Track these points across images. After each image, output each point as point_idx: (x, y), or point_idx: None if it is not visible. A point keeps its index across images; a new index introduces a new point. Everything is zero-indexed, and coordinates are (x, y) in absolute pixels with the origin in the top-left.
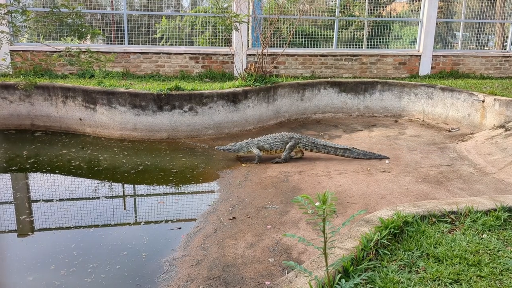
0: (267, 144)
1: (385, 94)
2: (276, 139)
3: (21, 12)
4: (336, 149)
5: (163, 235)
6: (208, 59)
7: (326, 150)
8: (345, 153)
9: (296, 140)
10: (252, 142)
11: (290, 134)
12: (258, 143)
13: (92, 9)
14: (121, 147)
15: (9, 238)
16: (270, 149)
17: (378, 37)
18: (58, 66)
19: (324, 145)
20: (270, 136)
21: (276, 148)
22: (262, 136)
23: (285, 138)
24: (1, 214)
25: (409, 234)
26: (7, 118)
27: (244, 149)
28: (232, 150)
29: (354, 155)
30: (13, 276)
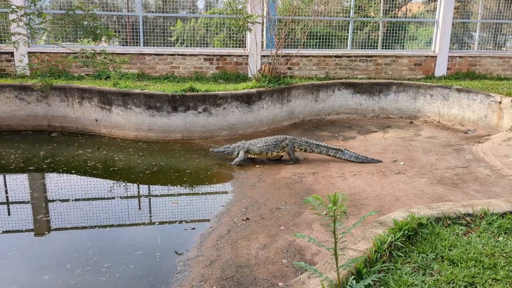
0: (257, 148)
1: (400, 95)
2: (268, 142)
3: (37, 14)
4: (328, 149)
5: (177, 235)
6: (222, 60)
7: (318, 149)
8: (336, 153)
9: (291, 140)
10: (244, 145)
11: (283, 136)
12: (249, 146)
13: (108, 11)
14: (136, 148)
15: (26, 237)
16: (260, 153)
17: (393, 38)
18: (75, 68)
19: (317, 144)
20: (262, 139)
21: (267, 151)
22: (254, 139)
23: (278, 140)
24: (18, 213)
25: (423, 236)
26: (24, 118)
27: (237, 151)
28: (226, 153)
29: (346, 157)
30: (30, 275)
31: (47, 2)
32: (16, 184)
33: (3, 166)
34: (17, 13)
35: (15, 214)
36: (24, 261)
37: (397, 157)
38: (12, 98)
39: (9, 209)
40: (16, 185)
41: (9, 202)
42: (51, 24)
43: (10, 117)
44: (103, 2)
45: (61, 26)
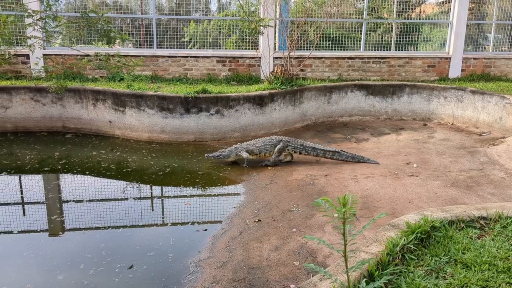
0: (255, 148)
1: (414, 97)
2: (265, 143)
3: (53, 17)
4: (325, 151)
5: (189, 236)
6: (235, 62)
7: (315, 152)
8: (334, 155)
9: (285, 143)
10: (241, 147)
11: (278, 137)
12: (247, 147)
13: (122, 14)
14: (149, 149)
15: (40, 237)
16: (259, 153)
17: (407, 39)
18: (89, 70)
19: (313, 147)
20: (258, 140)
21: (265, 151)
22: (251, 140)
23: (274, 141)
24: (33, 213)
25: (436, 239)
26: (39, 120)
27: (233, 154)
28: (222, 157)
29: (343, 158)
30: (44, 275)
31: (62, 5)
32: (31, 185)
33: (19, 166)
34: (33, 17)
35: (30, 215)
36: (39, 261)
37: (410, 160)
38: (27, 100)
39: (24, 209)
40: (31, 185)
41: (24, 203)
42: (66, 27)
43: (26, 119)
44: (117, 4)
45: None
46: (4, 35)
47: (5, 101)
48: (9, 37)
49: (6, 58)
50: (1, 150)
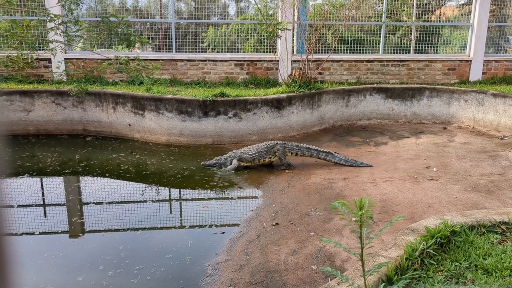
0: (249, 155)
1: (433, 100)
2: (260, 149)
3: (74, 22)
4: (319, 151)
5: (207, 239)
6: (253, 66)
7: (309, 152)
8: (327, 156)
9: (282, 145)
10: (235, 154)
11: (273, 142)
12: (241, 155)
13: (142, 18)
14: (168, 152)
15: (61, 238)
16: (253, 160)
17: (427, 42)
18: (109, 74)
19: (307, 147)
20: (253, 146)
21: (259, 158)
22: (245, 147)
23: (269, 146)
24: (54, 215)
25: (456, 244)
26: (61, 123)
27: (228, 162)
28: (218, 164)
29: (335, 160)
30: (64, 276)
31: (83, 10)
32: (52, 187)
33: (41, 169)
34: (54, 21)
35: (51, 216)
36: (59, 262)
37: (430, 163)
38: (49, 103)
39: (45, 211)
40: (52, 187)
41: (46, 204)
42: (87, 32)
43: (47, 122)
44: (137, 9)
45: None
46: (27, 39)
47: (27, 104)
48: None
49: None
50: (24, 152)
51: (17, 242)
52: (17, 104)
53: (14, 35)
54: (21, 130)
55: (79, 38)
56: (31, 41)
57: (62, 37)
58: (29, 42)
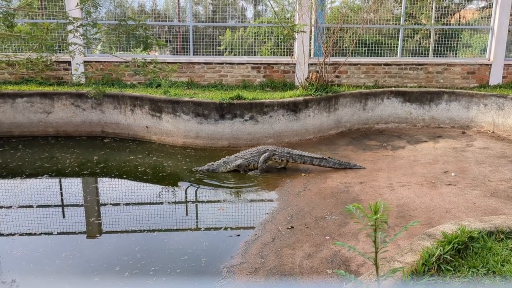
0: (244, 159)
1: (452, 105)
2: (253, 154)
3: (92, 25)
4: (312, 158)
5: (222, 241)
6: (269, 69)
7: (302, 160)
8: (321, 162)
9: (271, 151)
10: (229, 160)
11: (265, 147)
12: (236, 160)
13: (160, 21)
14: (184, 154)
15: (79, 239)
16: (248, 164)
17: (446, 45)
18: (127, 76)
19: (300, 155)
20: (246, 151)
21: (253, 162)
22: (239, 153)
23: (260, 151)
24: (72, 216)
25: (474, 250)
26: (80, 125)
27: (222, 167)
28: (210, 170)
29: (330, 165)
30: (81, 276)
31: (102, 13)
32: (71, 188)
33: (59, 170)
34: (73, 24)
35: (69, 217)
36: (77, 262)
37: (448, 168)
38: (68, 105)
39: (63, 211)
40: (70, 188)
41: (64, 205)
42: (105, 34)
43: (67, 123)
44: (156, 12)
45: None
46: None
47: (47, 106)
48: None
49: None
50: (43, 153)
51: (36, 242)
52: (37, 106)
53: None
54: (41, 132)
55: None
56: (51, 44)
57: (81, 39)
58: (49, 44)
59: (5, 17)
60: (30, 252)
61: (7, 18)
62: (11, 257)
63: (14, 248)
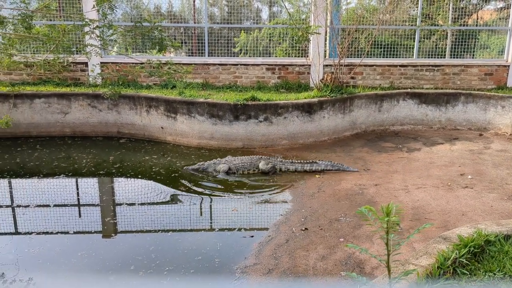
0: (233, 165)
1: (469, 106)
2: (243, 161)
3: (108, 26)
4: (303, 164)
5: (235, 242)
6: (284, 70)
7: (294, 167)
8: (312, 166)
9: (266, 160)
10: (219, 162)
11: (258, 156)
12: (226, 163)
13: (176, 23)
14: (199, 155)
15: (94, 238)
16: (237, 171)
17: (463, 46)
18: (143, 77)
19: (291, 162)
20: (238, 157)
21: (243, 169)
22: (230, 157)
23: (253, 160)
24: (88, 215)
25: (490, 254)
26: (96, 125)
27: (211, 168)
28: (201, 170)
29: (322, 168)
30: (97, 275)
31: (119, 15)
32: (87, 187)
33: (76, 170)
34: (90, 25)
35: (85, 216)
36: (92, 261)
37: (464, 171)
38: (85, 105)
39: (80, 211)
40: (87, 188)
41: (80, 205)
42: (121, 36)
43: (83, 124)
44: (171, 14)
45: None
46: (64, 43)
47: (64, 107)
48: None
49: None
50: (60, 153)
51: (52, 241)
52: (55, 107)
53: (51, 39)
54: (58, 132)
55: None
56: (68, 45)
57: (97, 41)
58: (66, 46)
59: (23, 19)
60: (46, 251)
61: (25, 20)
62: (28, 256)
63: (31, 247)
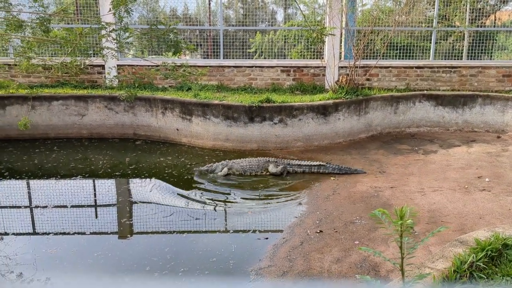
0: (240, 166)
1: (487, 108)
2: (251, 163)
3: (124, 29)
4: (311, 166)
5: (250, 244)
6: (299, 72)
7: (301, 169)
8: (320, 169)
9: (273, 162)
10: (227, 164)
11: (265, 158)
12: (233, 165)
13: (191, 25)
14: (213, 156)
15: (110, 239)
16: (244, 173)
17: (480, 48)
18: (159, 80)
19: (298, 164)
20: (245, 159)
21: (251, 171)
22: (238, 159)
23: (261, 162)
24: (104, 216)
25: (508, 258)
26: (112, 127)
27: (219, 169)
28: (209, 171)
29: (329, 170)
30: (112, 275)
31: (135, 18)
32: (103, 188)
33: (93, 171)
34: (106, 29)
35: (101, 217)
36: (108, 262)
37: (482, 173)
38: (102, 108)
39: (96, 212)
40: (103, 189)
41: (97, 205)
42: (137, 39)
43: (100, 126)
44: (187, 17)
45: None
46: (81, 46)
47: (81, 109)
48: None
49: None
50: (77, 155)
51: (69, 241)
52: (72, 109)
53: (69, 42)
54: (75, 134)
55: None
56: (85, 48)
57: (114, 44)
58: (82, 48)
59: (41, 23)
60: (63, 251)
61: (43, 23)
62: (46, 256)
63: (49, 247)
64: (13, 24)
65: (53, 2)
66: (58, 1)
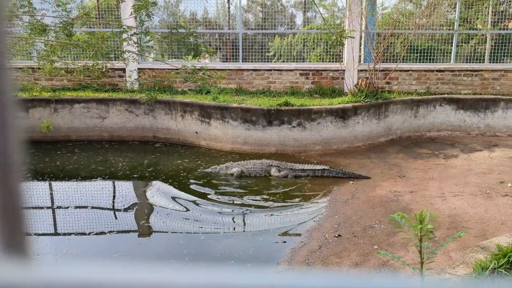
0: (245, 169)
1: (509, 112)
2: (256, 165)
3: (145, 33)
4: (315, 170)
5: (268, 247)
6: (318, 75)
7: (305, 173)
8: (323, 173)
9: (276, 166)
10: (231, 166)
11: (269, 161)
12: (238, 167)
13: (211, 29)
14: (231, 159)
15: (130, 239)
16: (249, 174)
17: (503, 51)
18: (178, 83)
19: (302, 169)
20: (250, 161)
21: (255, 173)
22: (242, 161)
23: (264, 165)
24: (124, 217)
25: None
26: (133, 130)
27: (223, 171)
28: (213, 173)
29: (332, 174)
30: None
31: (156, 22)
32: (123, 190)
33: (112, 173)
34: (127, 32)
35: (121, 218)
36: (127, 263)
37: (504, 178)
38: (122, 111)
39: (115, 213)
40: (122, 190)
41: (116, 207)
42: (157, 42)
43: (121, 128)
44: (207, 20)
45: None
46: (102, 49)
47: (102, 111)
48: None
49: (103, 70)
50: (97, 157)
51: (90, 242)
52: (93, 112)
53: (91, 46)
54: (96, 136)
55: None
56: (106, 52)
57: (135, 47)
58: (104, 52)
59: (64, 27)
60: (84, 252)
61: (66, 28)
62: (67, 257)
63: (70, 248)
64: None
65: (76, 6)
66: (80, 6)
